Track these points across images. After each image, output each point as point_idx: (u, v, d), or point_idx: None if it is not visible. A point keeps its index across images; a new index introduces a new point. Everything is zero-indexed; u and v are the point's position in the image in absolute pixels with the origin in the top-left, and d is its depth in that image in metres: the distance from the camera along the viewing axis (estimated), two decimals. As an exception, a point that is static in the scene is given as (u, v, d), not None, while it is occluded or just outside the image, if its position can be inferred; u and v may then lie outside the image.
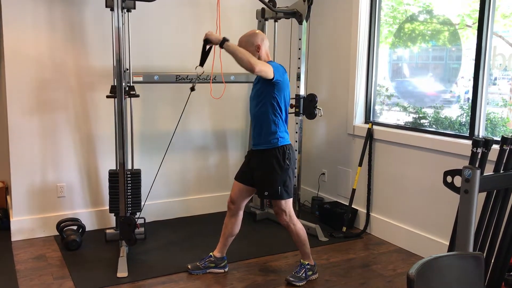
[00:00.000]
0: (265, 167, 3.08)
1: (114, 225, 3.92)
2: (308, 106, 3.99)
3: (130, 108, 3.73)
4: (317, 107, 3.95)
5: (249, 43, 3.04)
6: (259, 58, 3.02)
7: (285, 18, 4.17)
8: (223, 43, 2.90)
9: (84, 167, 4.00)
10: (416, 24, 3.96)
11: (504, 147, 2.29)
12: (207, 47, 3.06)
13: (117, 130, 3.49)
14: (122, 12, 3.35)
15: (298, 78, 4.01)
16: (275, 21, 4.23)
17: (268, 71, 2.88)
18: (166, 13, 4.12)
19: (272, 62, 3.08)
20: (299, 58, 4.00)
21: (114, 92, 3.42)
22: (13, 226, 3.81)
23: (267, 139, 3.06)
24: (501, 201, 2.36)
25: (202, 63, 3.11)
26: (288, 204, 3.13)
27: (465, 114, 3.53)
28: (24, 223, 3.83)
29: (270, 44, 4.27)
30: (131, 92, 3.56)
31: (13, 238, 3.80)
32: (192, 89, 3.26)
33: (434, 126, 3.79)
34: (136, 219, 3.51)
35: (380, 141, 4.03)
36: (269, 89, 2.99)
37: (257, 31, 3.13)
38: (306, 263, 3.22)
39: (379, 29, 4.16)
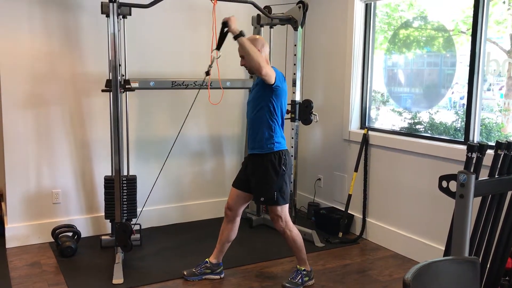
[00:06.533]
0: (261, 172, 3.08)
1: (109, 231, 3.91)
2: (303, 112, 4.00)
3: (126, 114, 3.72)
4: (313, 112, 3.96)
5: None
6: None
7: (281, 25, 4.18)
8: (238, 36, 2.90)
9: (80, 173, 3.99)
10: (411, 31, 3.98)
11: (499, 152, 2.30)
12: (225, 30, 3.00)
13: (112, 136, 3.49)
14: (117, 18, 3.35)
15: (294, 84, 4.02)
16: (271, 27, 4.25)
17: (271, 76, 2.92)
18: (162, 19, 4.13)
19: (273, 68, 3.09)
20: (294, 64, 4.02)
21: (110, 86, 3.38)
22: (8, 233, 3.79)
23: (262, 144, 3.06)
24: (496, 206, 2.37)
25: (219, 46, 3.07)
26: (284, 210, 3.13)
27: (460, 120, 3.55)
28: (19, 230, 3.81)
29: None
30: (127, 86, 3.52)
31: (8, 245, 3.78)
32: (207, 73, 3.15)
33: (429, 131, 3.80)
34: (132, 225, 3.50)
35: (376, 147, 4.04)
36: (267, 94, 3.01)
37: (258, 37, 3.14)
38: (303, 269, 3.22)
39: (374, 35, 4.18)
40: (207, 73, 3.15)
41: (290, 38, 4.16)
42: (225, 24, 2.99)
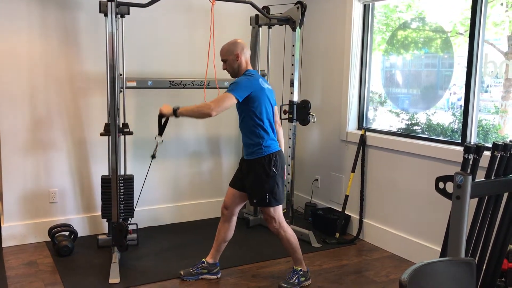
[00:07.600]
0: (252, 175, 3.10)
1: (106, 231, 3.90)
2: (301, 112, 4.00)
3: (123, 113, 3.72)
4: (310, 113, 3.97)
5: (229, 52, 3.07)
6: (238, 66, 3.07)
7: (279, 25, 4.19)
8: (175, 113, 2.99)
9: (77, 172, 3.98)
10: (409, 32, 3.99)
11: (495, 153, 2.30)
12: (163, 120, 3.15)
13: (110, 135, 3.48)
14: (116, 17, 3.35)
15: (292, 84, 4.02)
16: (269, 27, 4.25)
17: (227, 103, 2.90)
18: (160, 19, 4.13)
19: (246, 74, 3.05)
20: (292, 65, 4.02)
21: (108, 131, 3.42)
22: (4, 232, 3.78)
23: (252, 150, 3.08)
24: (493, 207, 2.38)
25: (160, 133, 3.20)
26: (277, 211, 3.14)
27: (457, 121, 3.55)
28: (15, 229, 3.80)
29: (263, 51, 4.33)
30: (125, 130, 3.60)
31: (4, 244, 3.77)
32: (153, 156, 3.26)
33: (426, 132, 3.81)
34: (128, 225, 3.50)
35: (373, 147, 4.04)
36: (245, 105, 3.01)
37: (238, 40, 3.12)
38: (299, 269, 3.22)
39: (372, 36, 4.19)
40: (153, 157, 3.26)
41: (288, 39, 4.17)
42: (160, 115, 3.12)
